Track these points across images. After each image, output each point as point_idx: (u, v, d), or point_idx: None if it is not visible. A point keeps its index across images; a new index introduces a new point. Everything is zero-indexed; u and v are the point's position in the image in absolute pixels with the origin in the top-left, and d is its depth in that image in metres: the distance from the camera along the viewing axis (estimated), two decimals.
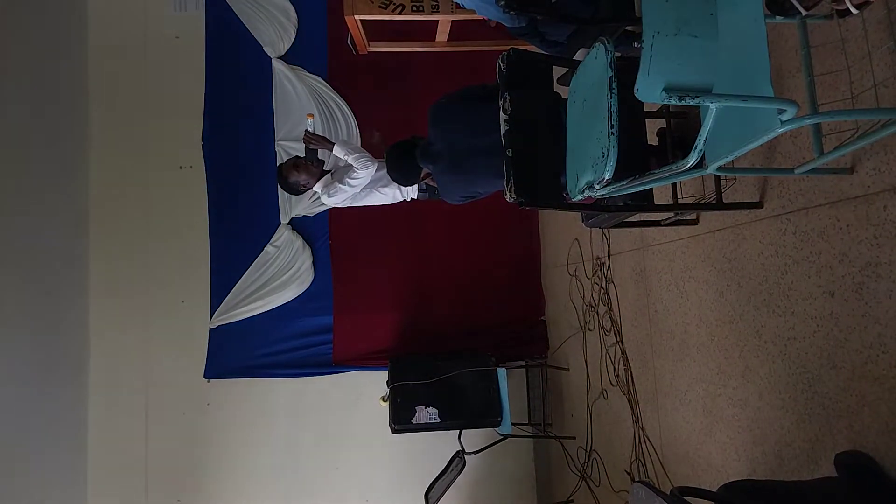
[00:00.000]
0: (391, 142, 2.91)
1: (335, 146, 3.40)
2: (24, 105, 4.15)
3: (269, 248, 4.77)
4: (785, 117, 1.37)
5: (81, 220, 4.75)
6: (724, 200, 2.30)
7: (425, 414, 4.11)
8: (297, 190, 3.57)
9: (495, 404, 4.17)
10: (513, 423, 4.25)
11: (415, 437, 4.46)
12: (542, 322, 4.80)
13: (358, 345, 4.70)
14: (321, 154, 3.52)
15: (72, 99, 4.76)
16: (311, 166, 3.48)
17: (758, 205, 2.16)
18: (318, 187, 3.54)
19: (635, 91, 1.29)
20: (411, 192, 3.49)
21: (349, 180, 3.38)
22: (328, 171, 3.59)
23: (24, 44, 4.19)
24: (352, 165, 3.37)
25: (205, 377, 4.71)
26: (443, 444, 4.25)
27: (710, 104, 1.32)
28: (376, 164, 3.37)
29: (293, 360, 4.72)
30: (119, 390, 4.66)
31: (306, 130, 3.51)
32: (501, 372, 4.23)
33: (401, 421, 4.14)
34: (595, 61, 1.72)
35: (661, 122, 2.49)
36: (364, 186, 3.44)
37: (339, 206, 3.61)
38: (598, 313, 3.66)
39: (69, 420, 4.48)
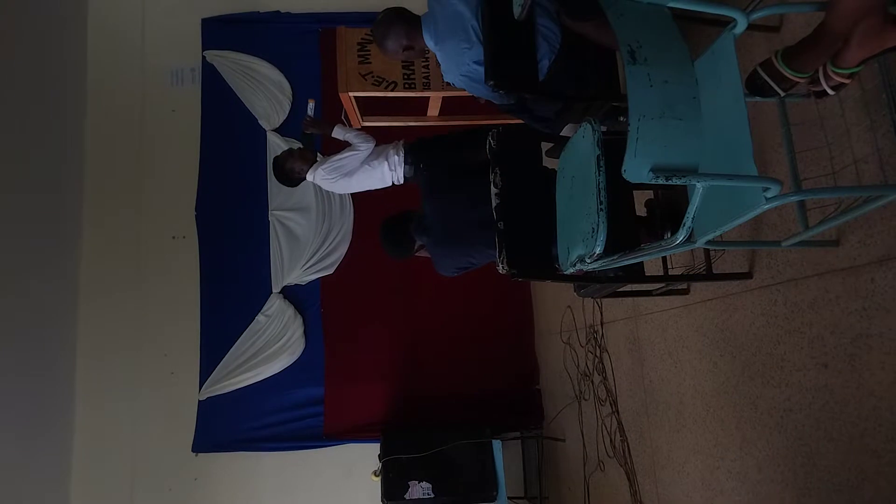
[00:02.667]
0: (384, 216, 2.94)
1: (335, 128, 3.56)
2: (20, 171, 4.19)
3: (260, 317, 4.75)
4: (769, 195, 1.40)
5: (72, 289, 4.73)
6: (714, 271, 2.33)
7: (419, 489, 4.01)
8: (291, 179, 3.71)
9: (490, 478, 4.08)
10: (509, 497, 4.15)
11: None
12: (536, 391, 4.75)
13: (349, 416, 4.63)
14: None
15: (68, 169, 4.82)
16: (307, 154, 3.66)
17: (747, 275, 2.19)
18: (310, 175, 3.66)
19: (623, 172, 1.32)
20: (400, 173, 3.57)
21: (349, 153, 3.50)
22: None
23: (24, 113, 4.26)
24: (351, 143, 3.51)
25: (192, 451, 4.60)
26: None
27: (697, 183, 1.36)
28: (374, 142, 3.54)
29: (283, 434, 4.62)
30: (104, 464, 4.54)
31: (307, 115, 3.69)
32: (497, 444, 4.15)
33: (394, 497, 4.03)
34: (583, 140, 1.77)
35: (649, 193, 2.54)
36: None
37: (332, 187, 3.68)
38: (592, 382, 3.63)
39: (52, 493, 4.33)
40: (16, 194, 4.11)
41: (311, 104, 3.73)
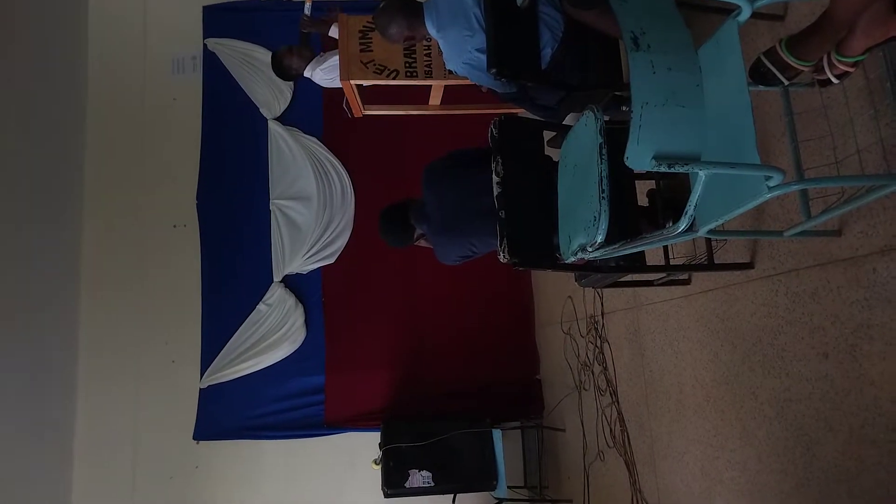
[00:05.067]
0: (384, 203, 2.93)
1: (332, 26, 3.62)
2: (21, 159, 4.18)
3: (261, 306, 4.75)
4: (772, 183, 1.40)
5: (73, 278, 4.73)
6: (716, 261, 2.32)
7: (419, 478, 4.02)
8: (289, 74, 3.84)
9: (490, 467, 4.09)
10: (508, 486, 4.16)
11: (408, 502, 4.34)
12: (537, 381, 4.75)
13: (350, 405, 4.63)
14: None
15: (69, 157, 4.81)
16: (304, 51, 3.76)
17: (749, 266, 2.18)
18: (307, 72, 3.76)
19: (625, 160, 1.32)
20: None
21: None
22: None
23: (24, 102, 4.25)
24: None
25: (194, 439, 4.62)
26: None
27: (699, 171, 1.35)
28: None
29: (284, 422, 4.63)
30: (106, 451, 4.56)
31: (304, 14, 3.73)
32: (496, 433, 4.16)
33: (393, 485, 4.04)
34: (585, 128, 1.76)
35: (651, 183, 2.53)
36: None
37: (332, 84, 3.72)
38: (593, 373, 3.63)
39: (53, 483, 4.35)
40: (17, 183, 4.11)
41: (307, 4, 3.76)
